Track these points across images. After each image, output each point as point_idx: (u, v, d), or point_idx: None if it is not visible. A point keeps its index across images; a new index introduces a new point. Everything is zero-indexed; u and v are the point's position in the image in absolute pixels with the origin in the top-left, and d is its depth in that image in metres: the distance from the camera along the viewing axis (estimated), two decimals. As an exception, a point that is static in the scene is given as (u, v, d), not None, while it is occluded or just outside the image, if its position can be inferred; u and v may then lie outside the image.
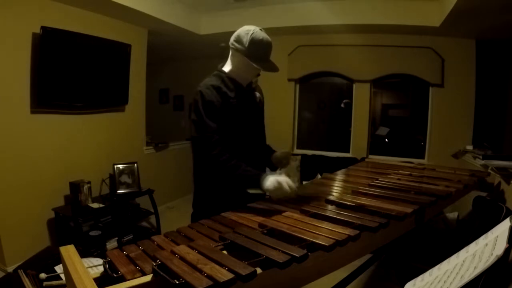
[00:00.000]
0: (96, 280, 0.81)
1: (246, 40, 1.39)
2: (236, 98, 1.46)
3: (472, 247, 0.86)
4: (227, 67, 1.51)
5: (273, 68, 1.45)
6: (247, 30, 1.41)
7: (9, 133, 2.61)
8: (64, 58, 2.84)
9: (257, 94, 1.62)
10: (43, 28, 2.64)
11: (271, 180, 1.32)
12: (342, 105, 4.52)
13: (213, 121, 1.38)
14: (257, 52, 1.40)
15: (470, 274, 0.74)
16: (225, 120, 1.41)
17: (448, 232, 2.57)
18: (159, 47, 4.60)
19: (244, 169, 1.36)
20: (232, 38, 1.45)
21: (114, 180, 3.34)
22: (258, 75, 1.57)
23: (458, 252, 0.89)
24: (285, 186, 1.31)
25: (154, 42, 4.11)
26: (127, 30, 3.59)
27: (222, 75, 1.49)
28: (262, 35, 1.41)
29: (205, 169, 1.46)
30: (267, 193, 1.34)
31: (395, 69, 3.96)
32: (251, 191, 1.39)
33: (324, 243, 0.93)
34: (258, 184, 1.33)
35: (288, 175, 1.46)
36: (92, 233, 2.89)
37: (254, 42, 1.39)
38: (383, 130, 4.58)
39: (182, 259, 0.83)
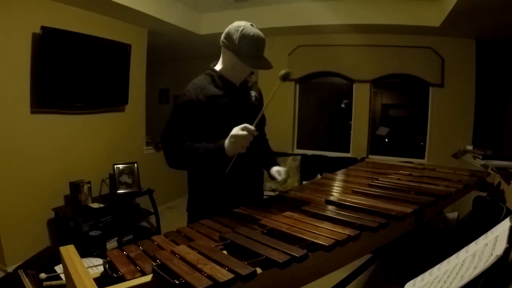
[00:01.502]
0: (96, 280, 0.81)
1: (236, 36, 1.32)
2: (227, 98, 1.41)
3: (472, 247, 0.86)
4: (218, 66, 1.47)
5: (264, 65, 1.38)
6: (237, 26, 1.34)
7: (9, 133, 2.61)
8: (64, 58, 2.84)
9: (253, 94, 1.56)
10: (43, 28, 2.63)
11: (227, 142, 1.25)
12: (342, 105, 4.52)
13: (187, 121, 1.37)
14: (248, 49, 1.33)
15: (470, 274, 0.74)
16: (213, 120, 1.38)
17: (448, 232, 2.57)
18: (159, 47, 4.60)
19: (205, 146, 1.31)
20: (222, 35, 1.41)
21: (114, 180, 3.34)
22: (253, 73, 1.53)
23: (458, 252, 0.89)
24: (240, 132, 1.23)
25: (154, 42, 4.11)
26: (127, 30, 3.59)
27: (213, 74, 1.45)
28: (253, 30, 1.33)
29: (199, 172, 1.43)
30: (230, 153, 1.25)
31: (395, 69, 3.96)
32: (228, 169, 1.28)
33: (324, 243, 0.93)
34: (223, 150, 1.25)
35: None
36: (92, 233, 2.89)
37: (244, 39, 1.32)
38: (383, 130, 4.58)
39: (182, 259, 0.83)
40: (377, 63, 3.96)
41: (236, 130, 1.24)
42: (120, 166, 3.37)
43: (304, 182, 3.74)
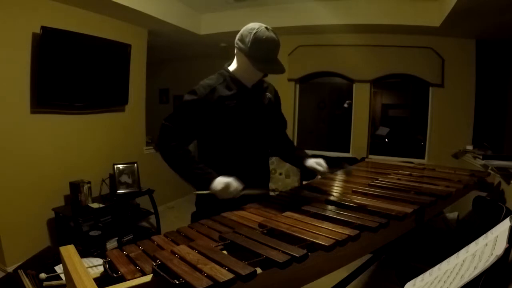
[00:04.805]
0: (96, 280, 0.81)
1: (248, 39, 1.33)
2: (236, 99, 1.42)
3: (472, 247, 0.86)
4: (232, 66, 1.48)
5: (276, 70, 1.38)
6: (251, 29, 1.34)
7: (9, 133, 2.61)
8: (64, 58, 2.84)
9: (268, 95, 1.55)
10: (43, 28, 2.64)
11: (218, 181, 1.31)
12: (345, 105, 4.51)
13: (190, 117, 1.39)
14: (260, 53, 1.33)
15: (470, 274, 0.74)
16: (219, 121, 1.39)
17: (448, 232, 2.57)
18: (159, 47, 4.60)
19: (197, 166, 1.37)
20: (237, 37, 1.40)
21: (114, 180, 3.34)
22: (266, 75, 1.52)
23: (458, 252, 0.89)
24: (232, 188, 1.30)
25: (154, 42, 4.11)
26: (127, 30, 3.60)
27: (226, 74, 1.45)
28: (266, 34, 1.33)
29: (210, 165, 1.42)
30: (212, 191, 1.32)
31: (395, 69, 3.96)
32: (196, 192, 1.37)
33: (324, 243, 0.93)
34: (208, 183, 1.32)
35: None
36: (92, 233, 2.89)
37: (257, 42, 1.32)
38: (383, 130, 4.58)
39: (182, 259, 0.83)
40: (377, 63, 3.96)
41: (233, 187, 1.30)
42: (120, 166, 3.37)
43: (304, 182, 3.75)
